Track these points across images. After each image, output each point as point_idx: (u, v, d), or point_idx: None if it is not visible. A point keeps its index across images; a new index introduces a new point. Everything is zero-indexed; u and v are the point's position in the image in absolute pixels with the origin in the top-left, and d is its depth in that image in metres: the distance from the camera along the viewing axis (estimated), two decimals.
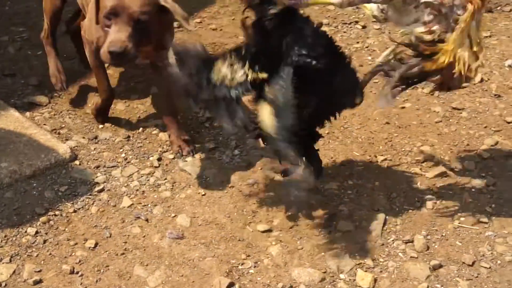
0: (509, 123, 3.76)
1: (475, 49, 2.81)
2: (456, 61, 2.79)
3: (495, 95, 3.98)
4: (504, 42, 4.55)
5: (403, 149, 3.57)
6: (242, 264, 2.90)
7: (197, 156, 3.47)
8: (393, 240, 3.05)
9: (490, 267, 2.93)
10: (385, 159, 3.49)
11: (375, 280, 2.85)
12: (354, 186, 3.32)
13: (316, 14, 4.76)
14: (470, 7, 2.72)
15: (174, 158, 3.46)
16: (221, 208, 3.18)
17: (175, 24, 4.16)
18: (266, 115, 2.78)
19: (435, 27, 2.79)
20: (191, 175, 3.36)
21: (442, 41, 2.79)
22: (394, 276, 2.88)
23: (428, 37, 2.81)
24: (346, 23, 4.70)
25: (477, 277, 2.89)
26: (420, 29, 2.82)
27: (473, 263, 2.95)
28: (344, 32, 4.59)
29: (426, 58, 2.85)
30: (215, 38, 4.45)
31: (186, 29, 3.94)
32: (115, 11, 2.96)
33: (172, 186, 3.30)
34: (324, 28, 4.48)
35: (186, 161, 3.44)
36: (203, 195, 3.25)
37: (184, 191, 3.27)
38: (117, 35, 2.96)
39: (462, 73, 2.81)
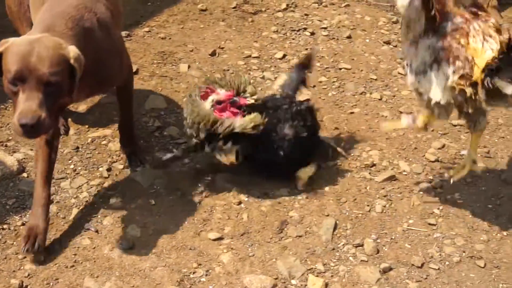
0: (455, 126, 3.83)
1: None
2: None
3: None
4: None
5: (352, 154, 3.60)
6: (193, 273, 2.89)
7: (147, 165, 3.45)
8: (343, 245, 3.07)
9: (438, 268, 2.97)
10: (335, 164, 3.52)
11: (326, 285, 2.87)
12: (304, 192, 3.34)
13: (265, 21, 4.80)
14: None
15: (124, 168, 3.44)
16: (172, 217, 3.17)
17: (123, 33, 4.18)
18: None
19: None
20: (142, 185, 3.35)
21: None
22: (345, 280, 2.90)
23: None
24: (294, 30, 4.72)
25: (426, 278, 2.93)
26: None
27: (422, 264, 2.99)
28: (293, 39, 4.62)
29: None
30: (164, 47, 4.44)
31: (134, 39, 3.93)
32: (21, 76, 2.53)
33: (123, 196, 3.28)
34: (273, 36, 4.55)
35: (136, 171, 3.42)
36: (154, 204, 3.24)
37: (134, 201, 3.25)
38: (27, 105, 2.51)
39: None
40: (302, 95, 3.78)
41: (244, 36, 4.63)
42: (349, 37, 4.69)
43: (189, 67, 4.24)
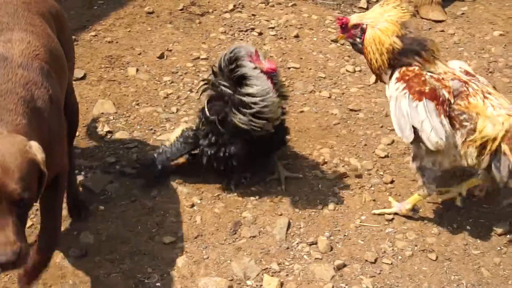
0: None
1: None
2: None
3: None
4: None
5: (303, 153, 3.62)
6: (148, 278, 2.87)
7: (98, 171, 3.42)
8: (297, 243, 3.09)
9: (391, 263, 3.01)
10: (287, 163, 3.53)
11: (282, 284, 2.88)
12: (256, 192, 3.35)
13: (212, 22, 4.79)
14: None
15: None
16: (125, 222, 3.15)
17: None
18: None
19: None
20: (93, 190, 3.31)
21: None
22: (300, 279, 2.92)
23: None
24: (242, 31, 4.73)
25: (379, 273, 2.96)
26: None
27: (376, 260, 3.02)
28: (241, 39, 4.63)
29: None
30: (111, 51, 4.40)
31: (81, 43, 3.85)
32: None
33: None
34: (221, 37, 4.55)
35: (87, 177, 3.38)
36: (106, 210, 3.21)
37: None
38: (1, 237, 2.02)
39: None
40: None
41: (192, 38, 4.62)
42: (296, 36, 4.71)
43: (137, 70, 4.22)
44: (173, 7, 4.96)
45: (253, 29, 4.76)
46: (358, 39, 3.03)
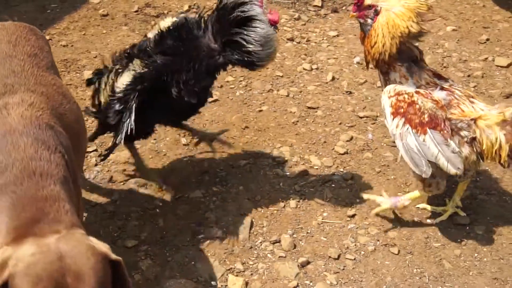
0: (361, 117, 3.91)
1: None
2: None
3: (347, 91, 4.13)
4: (351, 41, 4.72)
5: (263, 152, 3.63)
6: None
7: None
8: (261, 242, 3.09)
9: (355, 259, 3.03)
10: (248, 163, 3.54)
11: (247, 284, 2.89)
12: (219, 192, 3.35)
13: None
14: None
15: None
16: (86, 227, 3.07)
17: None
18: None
19: None
20: None
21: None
22: (265, 278, 2.93)
23: None
24: None
25: (343, 269, 2.98)
26: None
27: (339, 256, 3.04)
28: None
29: None
30: (67, 55, 4.35)
31: None
32: None
33: None
34: None
35: None
36: None
37: None
38: None
39: None
40: None
41: None
42: None
43: None
44: (127, 9, 4.93)
45: None
46: (369, 20, 2.97)
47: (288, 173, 3.49)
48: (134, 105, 2.94)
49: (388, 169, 3.54)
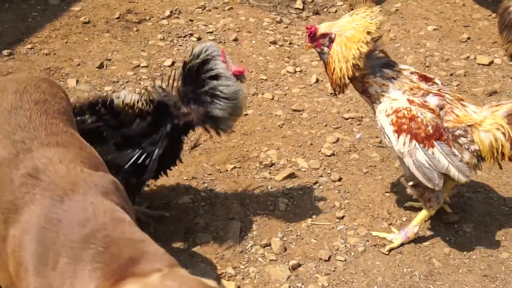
0: (347, 119, 3.93)
1: None
2: None
3: (331, 93, 4.13)
4: None
5: (250, 155, 3.63)
6: None
7: None
8: (251, 246, 3.10)
9: (345, 260, 3.04)
10: (235, 167, 3.54)
11: None
12: (207, 198, 3.34)
13: (150, 30, 4.77)
14: None
15: None
16: None
17: (5, 51, 4.07)
18: None
19: None
20: None
21: None
22: (256, 281, 2.93)
23: None
24: (181, 37, 4.71)
25: (334, 271, 2.99)
26: None
27: (329, 258, 3.05)
28: (180, 45, 4.61)
29: None
30: (49, 63, 4.33)
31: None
32: None
33: None
34: (160, 43, 4.53)
35: None
36: None
37: None
38: None
39: None
40: None
41: (130, 46, 4.58)
42: (235, 39, 4.73)
43: (77, 81, 4.16)
44: (109, 15, 4.91)
45: (191, 34, 4.75)
46: (325, 48, 3.00)
47: (275, 176, 3.49)
48: None
49: (375, 170, 3.56)
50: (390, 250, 3.10)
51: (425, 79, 3.03)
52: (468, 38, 4.81)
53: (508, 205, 3.36)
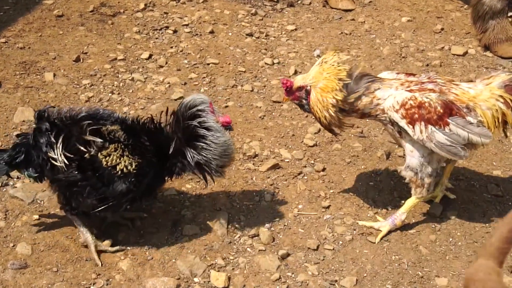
0: None
1: None
2: None
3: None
4: (309, 34, 4.75)
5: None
6: (93, 284, 2.82)
7: (27, 180, 3.31)
8: (239, 237, 3.10)
9: (333, 249, 3.06)
10: None
11: (229, 278, 2.88)
12: (193, 189, 3.33)
13: (125, 22, 4.72)
14: None
15: (2, 186, 3.28)
16: (62, 230, 3.07)
17: None
18: None
19: None
20: (24, 201, 3.21)
21: None
22: (247, 271, 2.93)
23: None
24: (156, 29, 4.68)
25: (323, 259, 3.01)
26: None
27: (318, 247, 3.07)
28: (156, 38, 4.58)
29: None
30: (24, 57, 4.27)
31: None
32: None
33: (5, 215, 3.13)
34: (135, 36, 4.50)
35: (16, 187, 3.28)
36: (40, 219, 3.12)
37: (19, 219, 3.12)
38: None
39: None
40: (176, 94, 3.83)
41: (106, 39, 4.54)
42: (212, 32, 4.71)
43: (54, 75, 4.11)
44: (83, 9, 4.85)
45: (167, 27, 4.72)
46: (304, 101, 3.04)
47: (260, 167, 3.50)
48: None
49: (358, 159, 3.59)
50: (381, 238, 3.12)
51: (412, 75, 3.09)
52: (442, 29, 4.87)
53: (490, 192, 3.41)
